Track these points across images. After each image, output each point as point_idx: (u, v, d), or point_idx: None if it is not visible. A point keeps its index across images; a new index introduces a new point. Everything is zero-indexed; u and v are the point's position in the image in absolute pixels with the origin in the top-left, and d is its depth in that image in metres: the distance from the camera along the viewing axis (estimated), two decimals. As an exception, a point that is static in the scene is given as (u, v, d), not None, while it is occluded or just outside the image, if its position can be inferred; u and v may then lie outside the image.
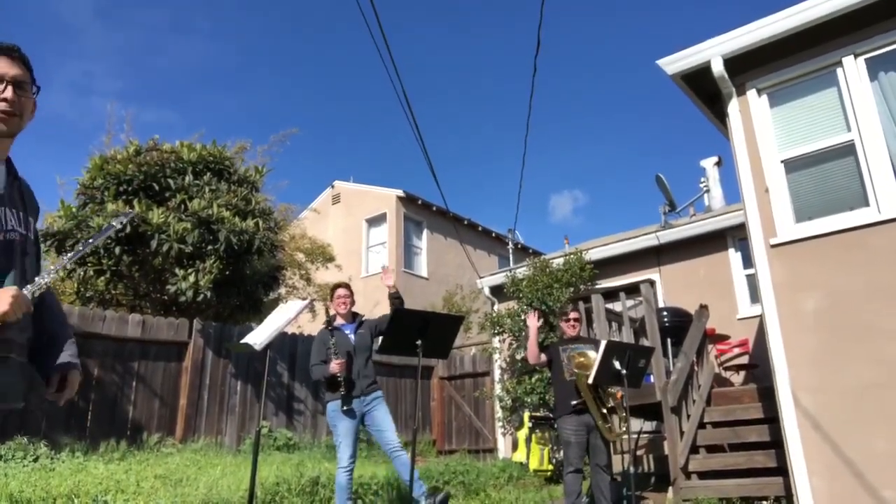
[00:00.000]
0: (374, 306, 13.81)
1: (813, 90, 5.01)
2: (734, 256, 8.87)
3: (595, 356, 4.92)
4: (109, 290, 8.78)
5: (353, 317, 4.94)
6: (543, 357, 5.33)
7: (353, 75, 51.02)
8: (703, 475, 6.01)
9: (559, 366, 5.19)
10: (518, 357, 9.36)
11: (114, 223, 1.91)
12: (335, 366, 4.51)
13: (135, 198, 8.43)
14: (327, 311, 4.96)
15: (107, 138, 10.29)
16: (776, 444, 5.51)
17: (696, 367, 6.82)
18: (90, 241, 1.88)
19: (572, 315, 5.39)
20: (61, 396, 1.82)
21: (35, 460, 5.69)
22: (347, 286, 5.04)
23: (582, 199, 52.45)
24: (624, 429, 5.20)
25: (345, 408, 4.54)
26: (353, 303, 4.98)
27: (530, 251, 17.39)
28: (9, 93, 1.67)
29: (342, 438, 4.53)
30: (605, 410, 5.05)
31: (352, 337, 4.79)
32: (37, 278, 1.68)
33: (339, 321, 4.90)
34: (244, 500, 4.79)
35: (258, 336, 3.71)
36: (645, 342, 6.81)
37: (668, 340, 7.43)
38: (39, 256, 1.85)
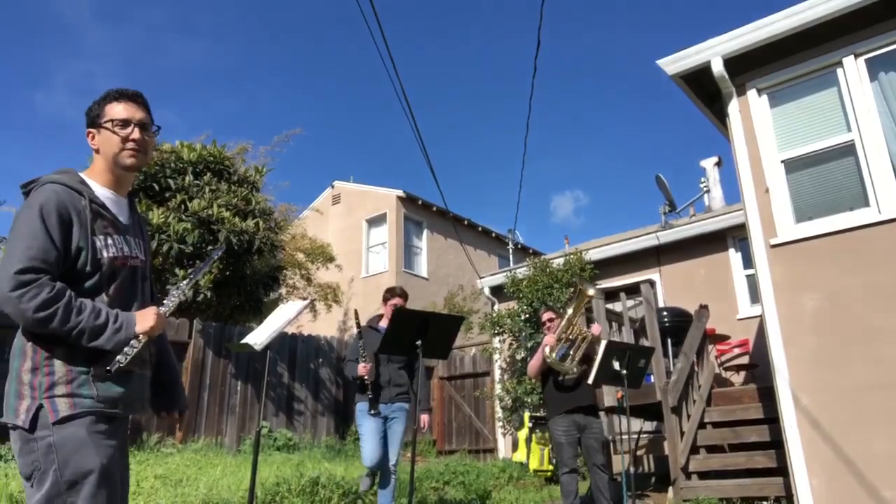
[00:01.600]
0: (376, 308, 13.79)
1: (813, 90, 5.01)
2: (734, 257, 8.87)
3: (591, 289, 5.08)
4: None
5: None
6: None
7: (353, 75, 51.04)
8: (703, 475, 6.01)
9: (547, 366, 5.15)
10: (518, 357, 9.36)
11: (214, 255, 2.28)
12: (361, 369, 4.55)
13: (135, 198, 8.42)
14: (356, 315, 4.89)
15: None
16: (776, 444, 5.52)
17: (696, 368, 6.82)
18: (203, 265, 2.18)
19: (545, 317, 5.35)
20: (178, 425, 2.18)
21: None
22: (404, 294, 4.93)
23: (583, 200, 52.49)
24: (575, 369, 4.96)
25: (372, 412, 4.55)
26: None
27: (530, 251, 17.39)
28: (136, 133, 1.93)
29: (366, 438, 4.55)
30: (571, 338, 4.97)
31: None
32: (166, 300, 1.97)
33: (383, 324, 4.86)
34: (244, 500, 4.79)
35: (258, 336, 3.70)
36: (645, 342, 6.81)
37: (669, 340, 7.43)
38: (153, 280, 2.14)
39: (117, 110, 1.92)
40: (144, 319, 1.80)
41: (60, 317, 1.64)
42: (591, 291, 5.08)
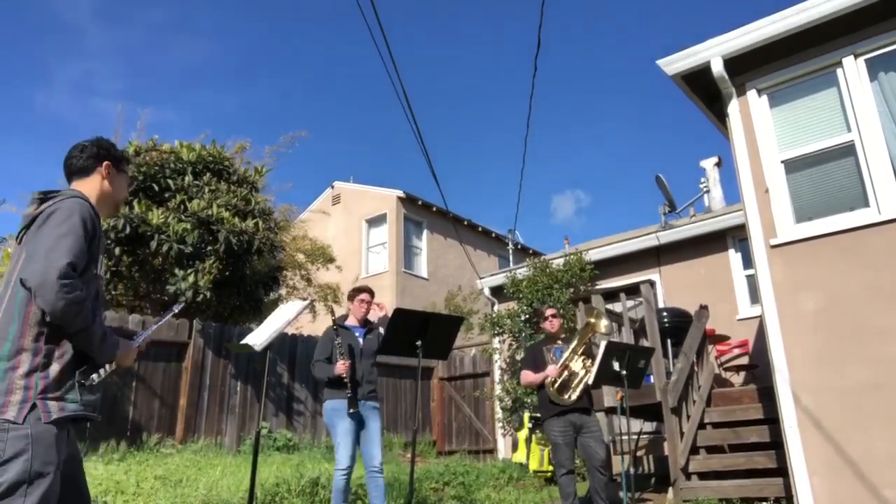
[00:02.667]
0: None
1: (813, 90, 5.00)
2: (734, 257, 8.86)
3: (606, 323, 5.14)
4: (109, 291, 8.78)
5: (366, 322, 4.84)
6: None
7: (353, 75, 51.03)
8: (703, 476, 6.01)
9: (543, 366, 5.11)
10: (518, 358, 9.36)
11: (174, 308, 2.58)
12: (340, 366, 4.40)
13: (134, 198, 8.42)
14: (332, 312, 4.87)
15: (114, 138, 10.22)
16: (776, 444, 5.51)
17: (696, 368, 6.82)
18: (159, 321, 2.43)
19: (549, 312, 5.36)
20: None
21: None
22: (371, 291, 4.93)
23: (583, 200, 52.46)
24: (571, 397, 4.99)
25: (351, 410, 4.41)
26: (369, 309, 4.88)
27: (530, 252, 17.38)
28: None
29: (340, 439, 4.40)
30: (575, 362, 5.01)
31: (360, 339, 4.69)
32: (142, 332, 2.24)
33: (350, 322, 4.81)
34: (244, 500, 4.79)
35: (258, 337, 3.70)
36: (645, 343, 6.81)
37: (668, 341, 7.42)
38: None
39: (130, 167, 2.42)
40: (128, 355, 2.10)
41: (83, 316, 1.87)
42: (603, 326, 5.11)
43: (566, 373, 5.02)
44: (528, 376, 5.20)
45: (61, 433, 1.87)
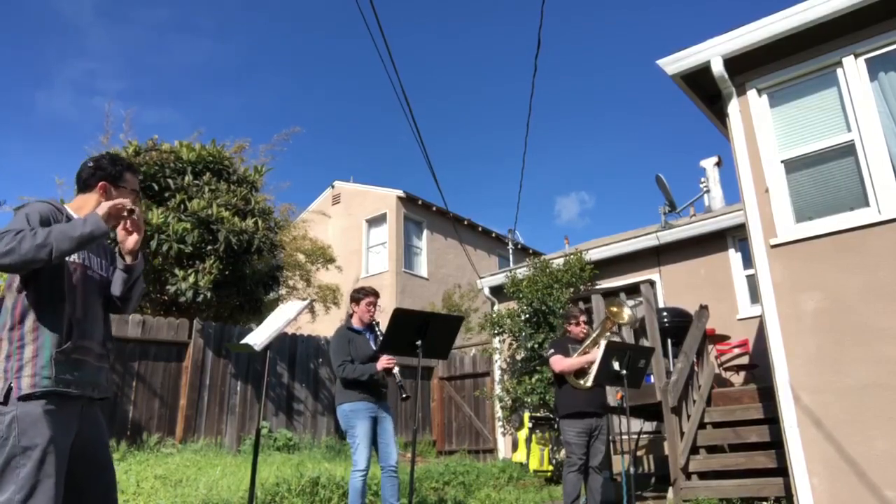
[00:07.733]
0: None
1: (813, 90, 5.00)
2: (734, 257, 8.87)
3: (629, 313, 5.28)
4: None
5: (370, 326, 4.84)
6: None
7: (353, 75, 51.05)
8: (703, 475, 6.01)
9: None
10: (518, 357, 9.36)
11: None
12: (387, 362, 4.47)
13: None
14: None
15: (104, 138, 10.17)
16: (776, 444, 5.51)
17: (696, 368, 6.82)
18: None
19: (582, 318, 5.49)
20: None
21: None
22: (377, 294, 4.95)
23: (584, 201, 52.47)
24: (587, 383, 5.09)
25: (403, 395, 4.49)
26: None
27: (530, 251, 17.37)
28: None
29: (360, 440, 4.42)
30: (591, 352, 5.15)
31: (372, 344, 4.72)
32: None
33: (357, 325, 4.80)
34: (244, 500, 4.79)
35: (258, 336, 3.69)
36: (645, 342, 6.81)
37: (669, 341, 7.42)
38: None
39: (132, 180, 2.48)
40: (104, 216, 2.17)
41: (23, 249, 1.98)
42: (626, 316, 5.31)
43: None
44: (563, 364, 5.19)
45: (53, 410, 2.05)
